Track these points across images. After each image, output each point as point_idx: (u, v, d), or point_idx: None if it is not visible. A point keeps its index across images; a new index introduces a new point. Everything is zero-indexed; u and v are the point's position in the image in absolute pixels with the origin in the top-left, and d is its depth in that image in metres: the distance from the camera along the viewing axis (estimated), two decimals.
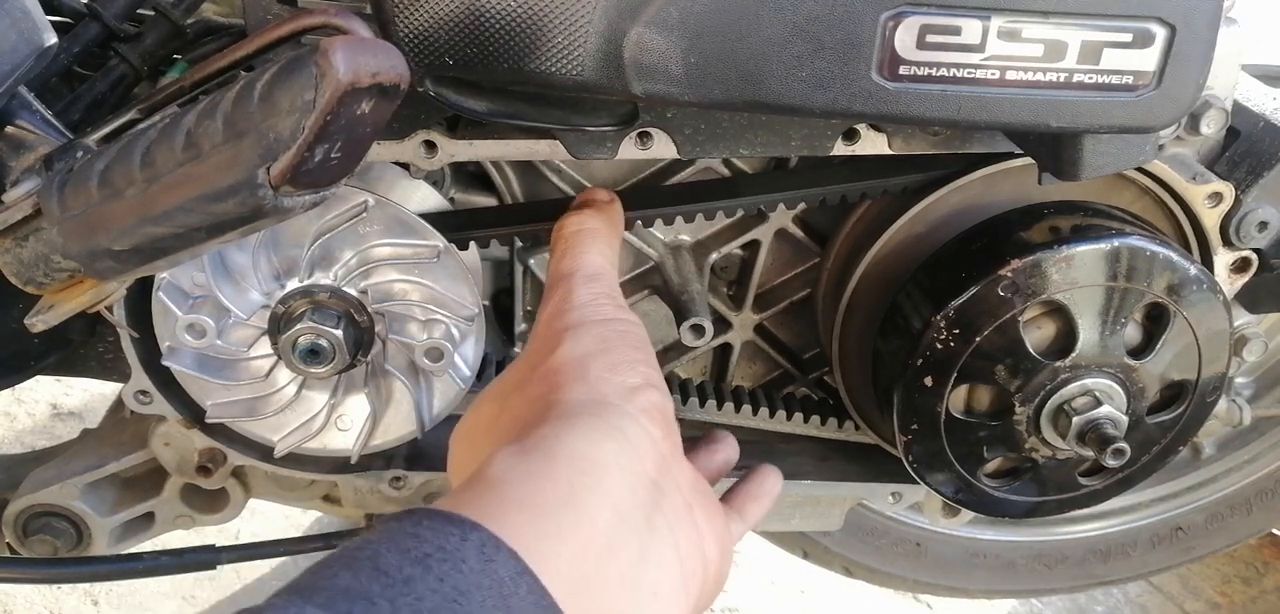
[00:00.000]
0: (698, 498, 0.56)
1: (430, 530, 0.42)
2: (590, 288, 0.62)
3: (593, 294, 0.62)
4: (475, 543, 0.41)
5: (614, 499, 0.48)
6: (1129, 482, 0.87)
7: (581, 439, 0.50)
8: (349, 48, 0.48)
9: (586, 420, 0.52)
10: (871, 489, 0.94)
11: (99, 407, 1.18)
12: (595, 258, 0.65)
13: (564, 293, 0.62)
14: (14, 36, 0.57)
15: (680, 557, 0.51)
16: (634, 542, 0.48)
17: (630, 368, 0.56)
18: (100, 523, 0.88)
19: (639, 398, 0.54)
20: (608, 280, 0.64)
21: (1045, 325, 0.77)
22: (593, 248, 0.65)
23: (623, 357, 0.57)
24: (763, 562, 1.70)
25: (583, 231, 0.67)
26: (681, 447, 0.58)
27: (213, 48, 0.75)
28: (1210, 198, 0.79)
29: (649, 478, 0.51)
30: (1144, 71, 0.60)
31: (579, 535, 0.45)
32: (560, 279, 0.63)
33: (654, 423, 0.54)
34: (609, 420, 0.52)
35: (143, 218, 0.53)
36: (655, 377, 0.57)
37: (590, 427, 0.51)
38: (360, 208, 0.70)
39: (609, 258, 0.66)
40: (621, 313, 0.61)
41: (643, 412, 0.54)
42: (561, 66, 0.57)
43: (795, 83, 0.58)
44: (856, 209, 0.85)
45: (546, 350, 0.58)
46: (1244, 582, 1.72)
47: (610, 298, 0.62)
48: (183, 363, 0.75)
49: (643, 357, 0.58)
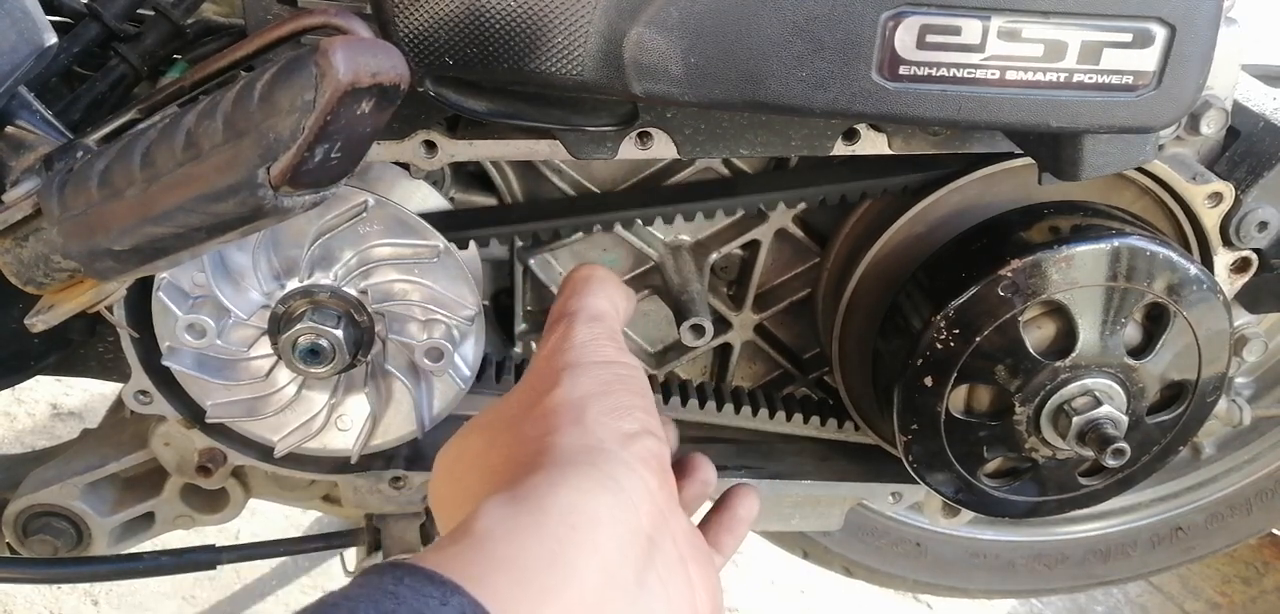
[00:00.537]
0: (692, 553, 0.54)
1: (410, 590, 0.40)
2: (592, 328, 0.60)
3: (593, 334, 0.60)
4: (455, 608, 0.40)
5: (604, 556, 0.46)
6: (1129, 482, 0.87)
7: (575, 491, 0.48)
8: (349, 48, 0.48)
9: (581, 470, 0.50)
10: (871, 489, 0.94)
11: (99, 406, 1.18)
12: (601, 301, 0.63)
13: (564, 331, 0.60)
14: (14, 36, 0.57)
15: None
16: (623, 601, 0.46)
17: (628, 413, 0.55)
18: (100, 523, 0.88)
19: (636, 446, 0.53)
20: (610, 323, 0.62)
21: (1045, 325, 0.77)
22: (599, 292, 0.64)
23: (621, 401, 0.55)
24: (763, 562, 1.70)
25: (594, 278, 0.65)
26: (676, 494, 0.56)
27: (213, 48, 0.75)
28: (1210, 198, 0.79)
29: (643, 532, 0.50)
30: (1144, 71, 0.60)
31: (566, 598, 0.44)
32: (562, 317, 0.62)
33: (650, 472, 0.52)
34: (604, 470, 0.50)
35: (143, 218, 0.53)
36: (653, 423, 0.56)
37: (584, 477, 0.49)
38: (360, 208, 0.70)
39: (615, 304, 0.64)
40: (622, 356, 0.60)
41: (639, 460, 0.52)
42: (561, 66, 0.57)
43: (795, 83, 0.58)
44: (856, 209, 0.85)
45: (543, 389, 0.56)
46: (1244, 582, 1.72)
47: (612, 340, 0.61)
48: (183, 363, 0.75)
49: (641, 402, 0.56)
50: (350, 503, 0.88)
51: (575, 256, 0.89)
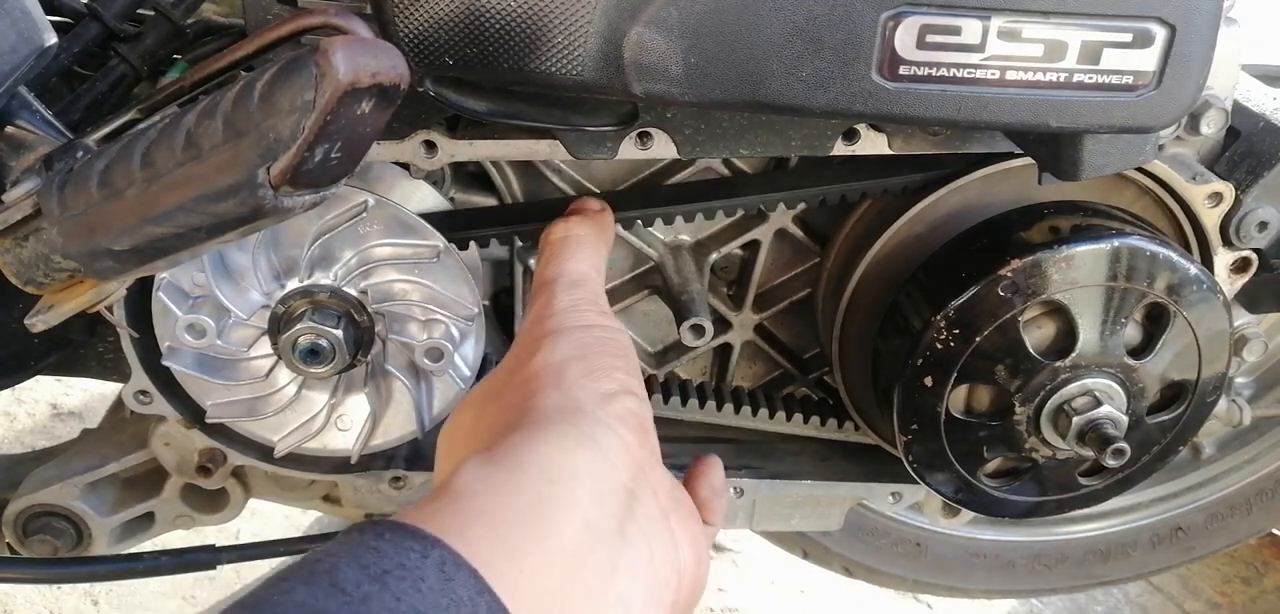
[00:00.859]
0: (674, 506, 0.55)
1: (391, 544, 0.41)
2: (572, 294, 0.62)
3: (574, 300, 0.61)
4: (435, 560, 0.41)
5: (583, 509, 0.47)
6: (1129, 482, 0.87)
7: (552, 447, 0.49)
8: (349, 48, 0.48)
9: (558, 427, 0.51)
10: (871, 489, 0.94)
11: (99, 406, 1.18)
12: (580, 264, 0.64)
13: (546, 299, 0.61)
14: (14, 36, 0.57)
15: (654, 566, 0.50)
16: (604, 552, 0.47)
17: (607, 374, 0.55)
18: (100, 523, 0.88)
19: (615, 405, 0.54)
20: (592, 286, 0.63)
21: (1045, 325, 0.77)
22: (578, 254, 0.65)
23: (600, 363, 0.56)
24: (763, 561, 1.70)
25: (569, 238, 0.66)
26: (659, 453, 0.57)
27: (213, 48, 0.75)
28: (1210, 198, 0.79)
29: (623, 485, 0.50)
30: (1144, 71, 0.60)
31: (545, 548, 0.44)
32: (543, 285, 0.63)
33: (629, 430, 0.53)
34: (582, 427, 0.51)
35: (143, 218, 0.53)
36: (634, 383, 0.57)
37: (562, 434, 0.50)
38: (360, 208, 0.70)
39: (595, 265, 0.65)
40: (603, 319, 0.61)
41: (618, 418, 0.53)
42: (561, 66, 0.57)
43: (795, 83, 0.58)
44: (856, 209, 0.85)
45: (526, 356, 0.58)
46: (1244, 582, 1.72)
47: (593, 304, 0.62)
48: (183, 363, 0.75)
49: (621, 364, 0.57)
50: (350, 503, 0.88)
51: None
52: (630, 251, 0.89)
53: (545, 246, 0.66)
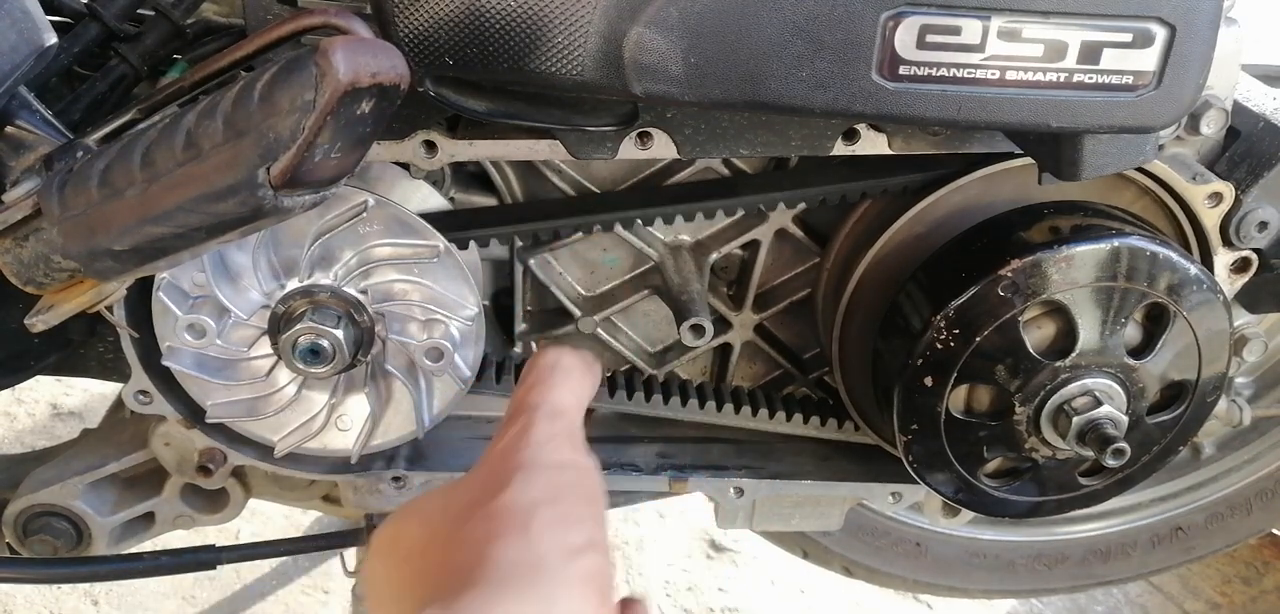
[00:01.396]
0: None
1: None
2: (551, 425, 0.59)
3: (552, 433, 0.58)
4: None
5: None
6: (1129, 482, 0.87)
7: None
8: (349, 48, 0.48)
9: (515, 591, 0.49)
10: (871, 489, 0.94)
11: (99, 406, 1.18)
12: (566, 395, 0.61)
13: (523, 426, 0.58)
14: (14, 36, 0.57)
15: None
16: None
17: (577, 525, 0.53)
18: (100, 523, 0.88)
19: (580, 562, 0.51)
20: (572, 420, 0.60)
21: (1045, 325, 0.77)
22: (565, 384, 0.62)
23: (571, 510, 0.54)
24: (763, 561, 1.70)
25: (559, 367, 0.63)
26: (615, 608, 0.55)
27: (213, 48, 0.75)
28: (1210, 198, 0.79)
29: None
30: (1144, 72, 0.60)
31: None
32: (522, 410, 0.60)
33: (591, 592, 0.51)
34: (541, 591, 0.49)
35: (143, 218, 0.53)
36: (600, 535, 0.54)
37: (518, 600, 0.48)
38: (360, 208, 0.70)
39: (579, 399, 0.62)
40: (578, 456, 0.58)
41: (580, 578, 0.51)
42: (561, 66, 0.57)
43: (795, 83, 0.58)
44: (856, 209, 0.85)
45: (494, 488, 0.54)
46: (1244, 582, 1.72)
47: (570, 438, 0.59)
48: (183, 363, 0.75)
49: (592, 512, 0.55)
50: (350, 503, 0.88)
51: (575, 256, 0.89)
52: (630, 251, 0.89)
53: (532, 369, 0.63)
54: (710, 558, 1.70)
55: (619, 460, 0.92)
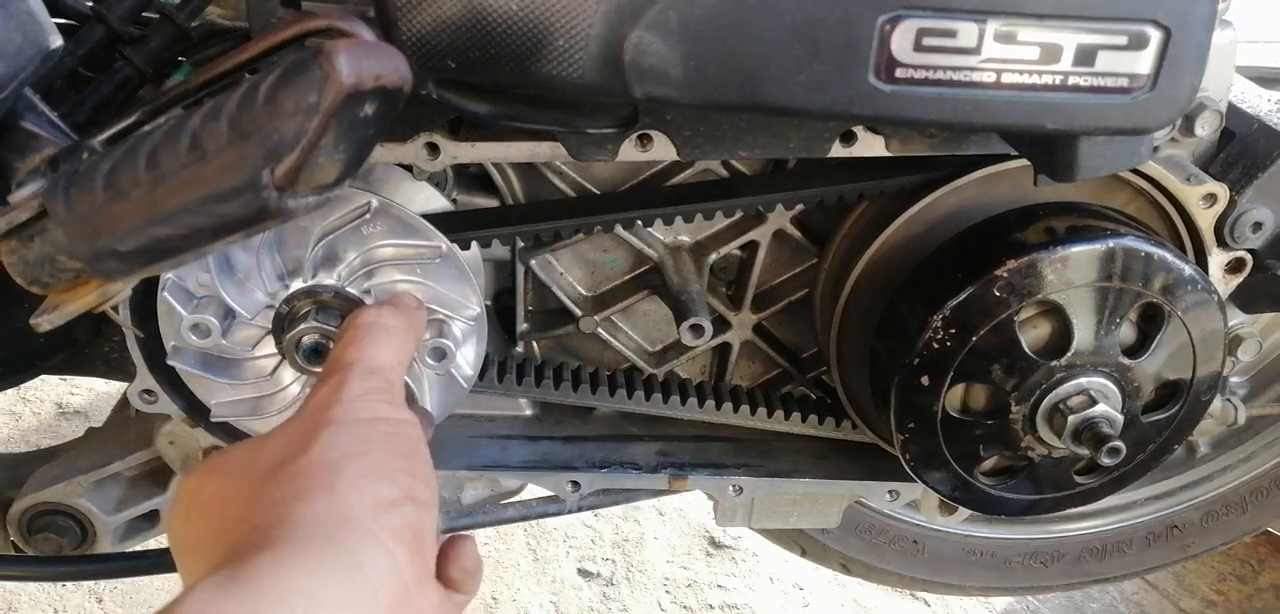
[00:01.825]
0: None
1: None
2: (366, 382, 0.57)
3: (366, 389, 0.56)
4: None
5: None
6: (1124, 480, 0.87)
7: (303, 575, 0.45)
8: (352, 51, 0.48)
9: (315, 548, 0.46)
10: (869, 487, 0.95)
11: (104, 405, 1.19)
12: (382, 353, 0.59)
13: (336, 384, 0.57)
14: (19, 39, 0.57)
15: None
16: None
17: (388, 478, 0.51)
18: (105, 521, 0.88)
19: (390, 515, 0.49)
20: (388, 377, 0.59)
21: (1041, 325, 0.77)
22: (382, 343, 0.60)
23: (381, 463, 0.52)
24: (762, 559, 1.71)
25: (376, 325, 0.61)
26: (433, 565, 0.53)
27: (217, 50, 0.76)
28: (1205, 199, 0.79)
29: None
30: (1139, 74, 0.60)
31: None
32: (336, 369, 0.58)
33: (402, 545, 0.49)
34: (344, 546, 0.47)
35: (148, 219, 0.53)
36: (417, 487, 0.52)
37: (318, 557, 0.46)
38: (364, 209, 0.70)
39: (399, 357, 0.61)
40: (394, 411, 0.56)
41: (390, 532, 0.49)
42: (563, 69, 0.58)
43: (793, 85, 0.58)
44: (854, 210, 0.86)
45: (300, 446, 0.52)
46: (1239, 579, 1.72)
47: (386, 394, 0.57)
48: (187, 362, 0.76)
49: (406, 465, 0.53)
50: None
51: (576, 257, 0.90)
52: (630, 252, 0.90)
53: (348, 329, 0.62)
54: (709, 555, 1.71)
55: (619, 458, 0.93)
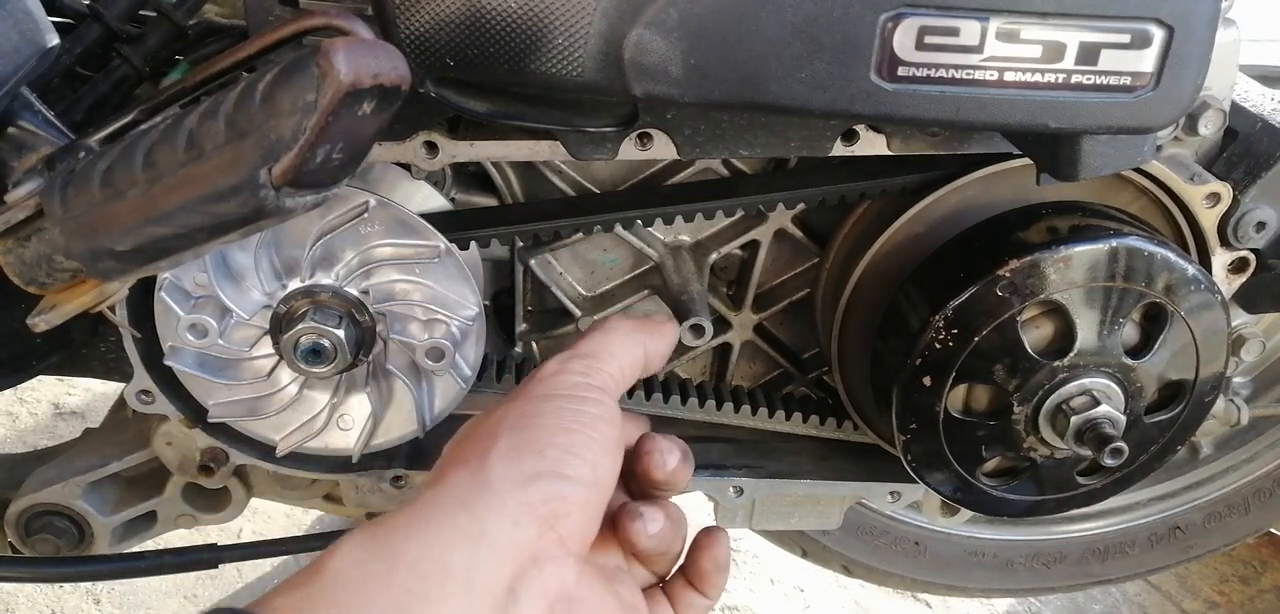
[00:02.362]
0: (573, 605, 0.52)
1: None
2: (568, 362, 0.60)
3: (564, 366, 0.60)
4: None
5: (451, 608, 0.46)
6: (1127, 481, 0.87)
7: (433, 540, 0.48)
8: (350, 49, 0.48)
9: (448, 514, 0.49)
10: (870, 488, 0.94)
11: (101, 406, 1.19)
12: (601, 344, 0.62)
13: (560, 363, 0.60)
14: (16, 37, 0.57)
15: None
16: None
17: (539, 451, 0.53)
18: (102, 522, 0.88)
19: (530, 489, 0.51)
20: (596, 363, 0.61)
21: (1043, 325, 0.77)
22: (608, 337, 0.62)
23: (536, 437, 0.54)
24: (762, 560, 1.70)
25: (609, 322, 0.64)
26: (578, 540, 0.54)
27: (215, 49, 0.76)
28: (1208, 198, 0.79)
29: (504, 586, 0.49)
30: (1142, 73, 0.60)
31: None
32: (570, 354, 0.61)
33: (533, 520, 0.51)
34: (475, 514, 0.50)
35: (145, 218, 0.53)
36: (570, 462, 0.53)
37: (449, 524, 0.49)
38: (361, 208, 0.70)
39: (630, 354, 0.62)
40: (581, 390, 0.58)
41: (526, 506, 0.51)
42: (562, 68, 0.58)
43: (795, 84, 0.58)
44: (855, 209, 0.85)
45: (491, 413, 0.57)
46: (1242, 581, 1.72)
47: (582, 374, 0.59)
48: (185, 363, 0.76)
49: (565, 440, 0.54)
50: (352, 502, 0.89)
51: (576, 256, 0.90)
52: (630, 252, 0.90)
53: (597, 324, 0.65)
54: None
55: None
